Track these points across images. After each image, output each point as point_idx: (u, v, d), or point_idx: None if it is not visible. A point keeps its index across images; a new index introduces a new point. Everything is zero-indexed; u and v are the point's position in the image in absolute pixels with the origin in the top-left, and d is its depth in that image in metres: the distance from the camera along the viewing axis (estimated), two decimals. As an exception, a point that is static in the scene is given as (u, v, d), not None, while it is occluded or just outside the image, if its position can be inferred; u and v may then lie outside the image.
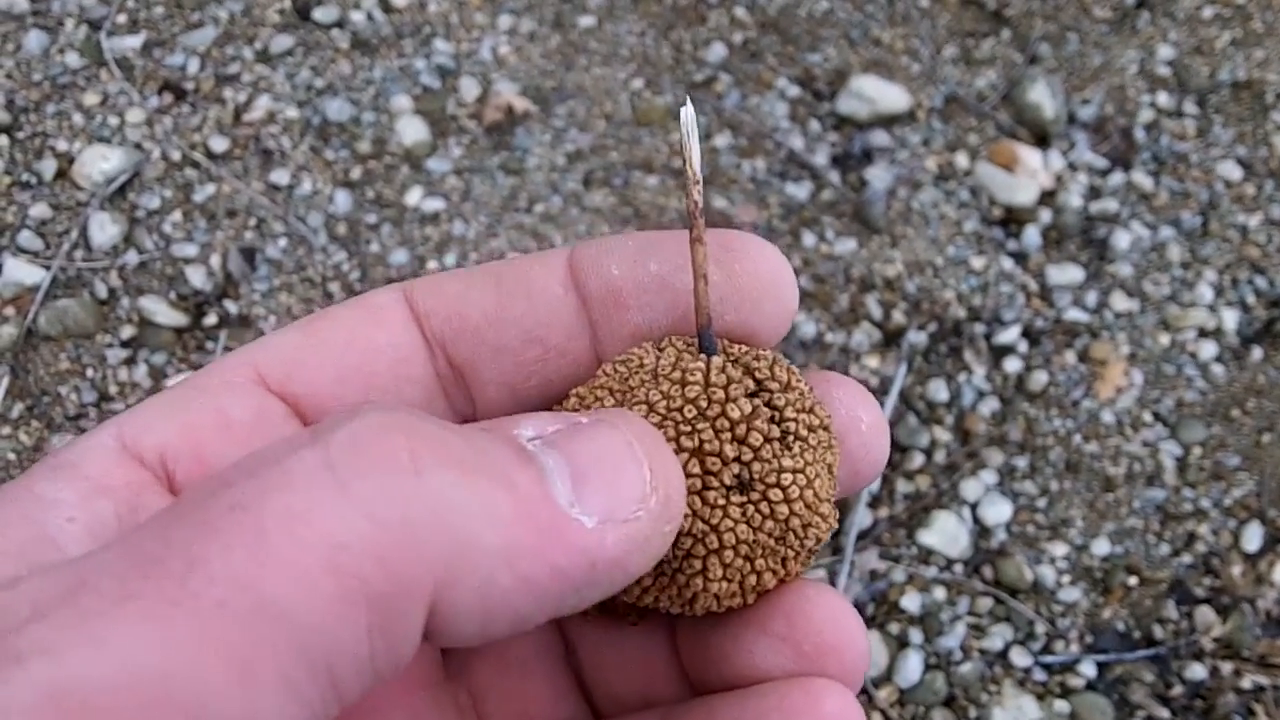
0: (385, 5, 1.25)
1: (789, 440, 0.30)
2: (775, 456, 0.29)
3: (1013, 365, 1.08)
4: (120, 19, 1.21)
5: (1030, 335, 1.10)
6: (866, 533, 0.99)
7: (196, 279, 1.07)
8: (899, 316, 1.10)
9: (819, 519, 0.30)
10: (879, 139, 1.20)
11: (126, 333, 1.04)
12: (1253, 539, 0.99)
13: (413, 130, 1.17)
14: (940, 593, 0.97)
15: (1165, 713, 0.91)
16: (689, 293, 0.31)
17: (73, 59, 1.17)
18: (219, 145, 1.14)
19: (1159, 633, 0.95)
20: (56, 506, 0.27)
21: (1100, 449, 1.04)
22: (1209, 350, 1.09)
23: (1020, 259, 1.15)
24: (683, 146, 0.30)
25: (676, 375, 0.30)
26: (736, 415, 0.29)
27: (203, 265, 1.08)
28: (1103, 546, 0.99)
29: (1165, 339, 1.10)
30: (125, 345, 1.04)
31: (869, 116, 1.21)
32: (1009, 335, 1.09)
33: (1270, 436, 1.05)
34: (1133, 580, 0.98)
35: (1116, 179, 1.19)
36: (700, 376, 0.30)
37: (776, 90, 1.23)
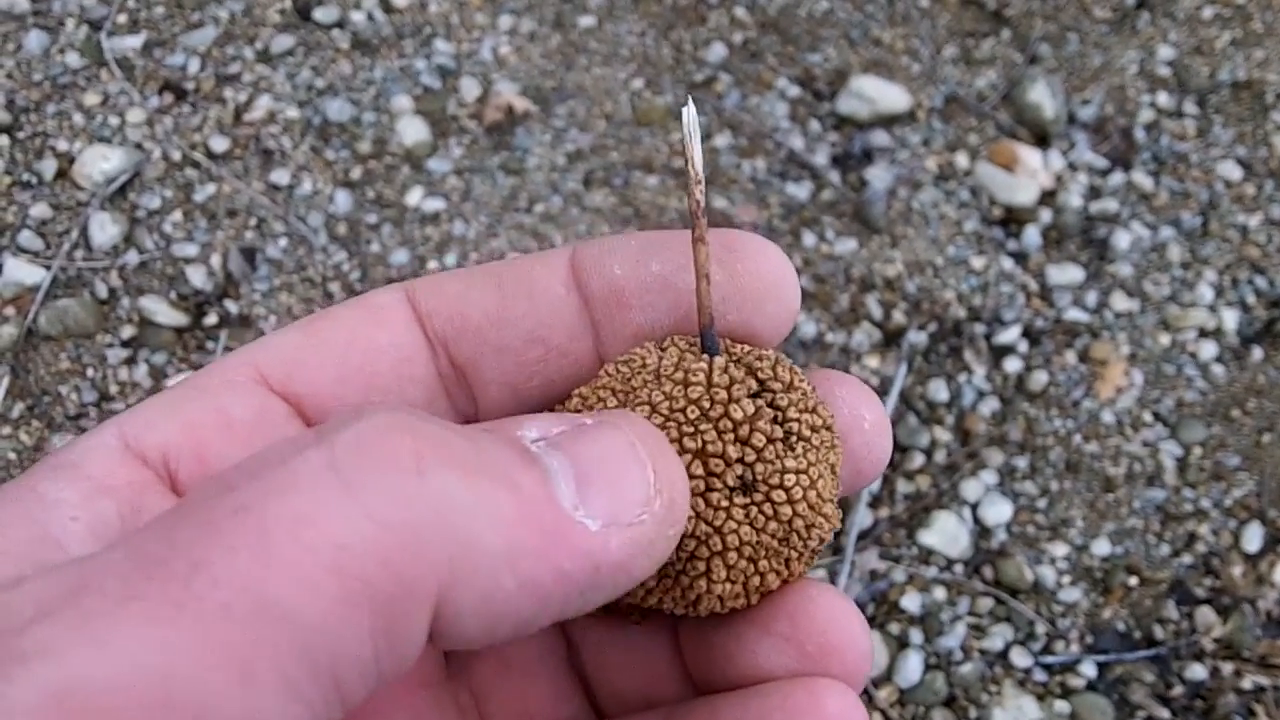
0: (386, 5, 1.25)
1: (792, 441, 0.30)
2: (778, 457, 0.29)
3: (1013, 365, 1.08)
4: (121, 19, 1.21)
5: (1030, 335, 1.10)
6: (867, 533, 0.99)
7: (197, 279, 1.07)
8: (899, 316, 1.10)
9: (822, 519, 0.30)
10: (879, 139, 1.20)
11: (127, 332, 1.04)
12: (1253, 539, 0.99)
13: (413, 130, 1.17)
14: (940, 593, 0.97)
15: (1165, 713, 0.91)
16: (691, 292, 0.31)
17: (73, 59, 1.17)
18: (219, 145, 1.14)
19: (1159, 633, 0.95)
20: (59, 506, 0.27)
21: (1100, 449, 1.04)
22: (1209, 350, 1.09)
23: (1020, 259, 1.15)
24: (685, 146, 0.30)
25: (679, 376, 0.30)
26: (739, 416, 0.29)
27: (203, 265, 1.08)
28: (1103, 547, 0.99)
29: (1165, 339, 1.10)
30: (125, 345, 1.04)
31: (869, 116, 1.21)
32: (1009, 335, 1.09)
33: (1270, 436, 1.05)
34: (1133, 580, 0.98)
35: (1117, 179, 1.19)
36: (703, 377, 0.30)
37: (777, 90, 1.23)
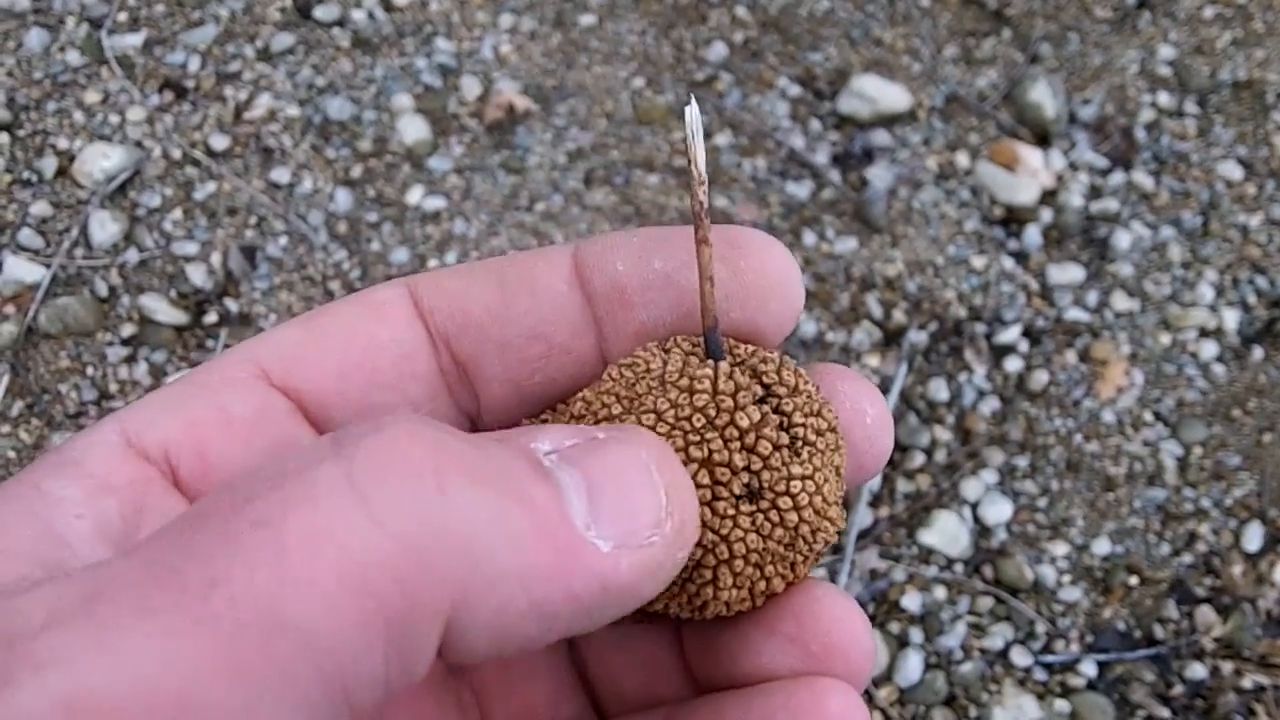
0: (386, 4, 1.25)
1: (797, 446, 0.30)
2: (784, 464, 0.29)
3: (1013, 365, 1.08)
4: (121, 17, 1.21)
5: (1031, 335, 1.10)
6: (867, 532, 0.99)
7: (197, 277, 1.07)
8: (900, 316, 1.10)
9: (827, 523, 0.30)
10: (880, 138, 1.20)
11: (127, 331, 1.04)
12: (1253, 539, 0.99)
13: (414, 129, 1.17)
14: (941, 592, 0.96)
15: (1166, 712, 0.91)
16: (694, 290, 0.31)
17: (73, 57, 1.17)
18: (220, 143, 1.14)
19: (1159, 632, 0.95)
20: (63, 504, 0.26)
21: (1101, 449, 1.04)
22: (1210, 350, 1.09)
23: (1021, 258, 1.14)
24: (688, 147, 0.30)
25: (684, 383, 0.30)
26: (745, 424, 0.29)
27: (203, 263, 1.08)
28: (1103, 546, 0.99)
29: (1166, 339, 1.10)
30: (125, 343, 1.03)
31: (870, 116, 1.21)
32: (1010, 335, 1.09)
33: (1271, 436, 1.05)
34: (1133, 580, 0.98)
35: (1117, 179, 1.19)
36: (708, 384, 0.29)
37: (777, 89, 1.23)
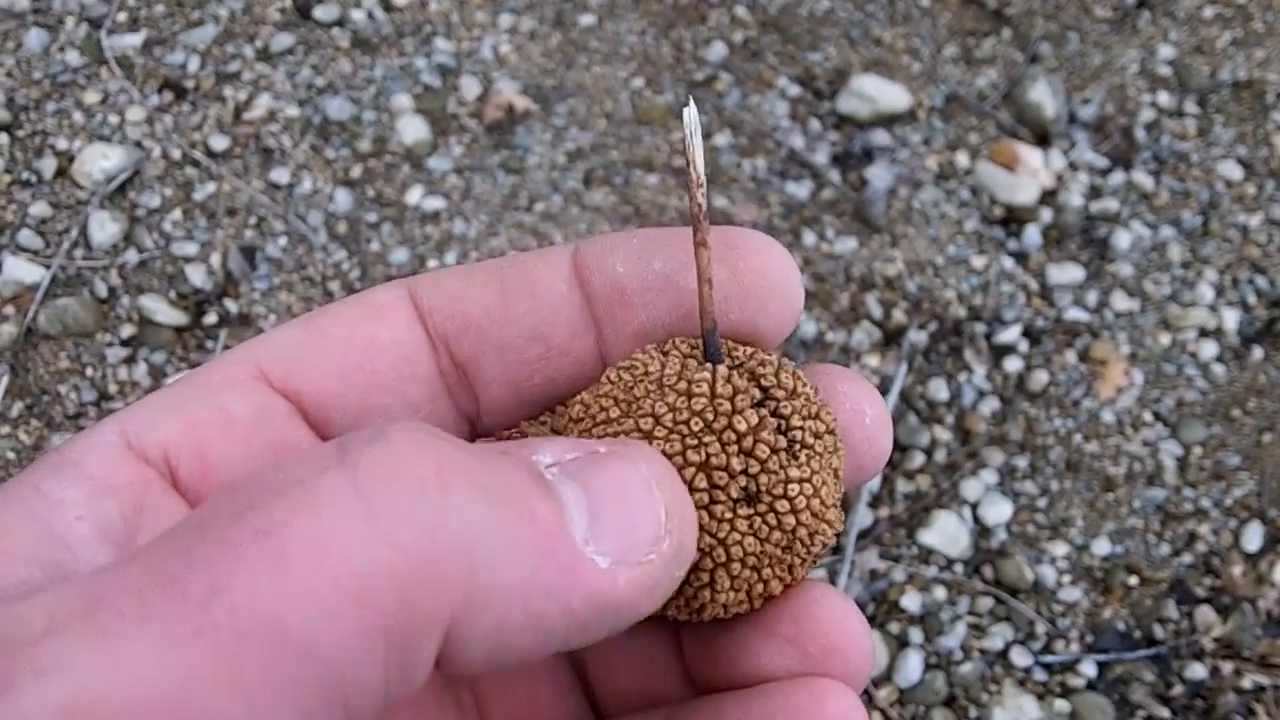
0: (386, 4, 1.25)
1: (795, 449, 0.30)
2: (782, 468, 0.29)
3: (1013, 365, 1.08)
4: (121, 17, 1.21)
5: (1031, 335, 1.10)
6: (867, 532, 0.99)
7: (196, 278, 1.07)
8: (899, 316, 1.10)
9: (825, 525, 0.30)
10: (879, 138, 1.20)
11: (126, 331, 1.04)
12: (1253, 539, 0.99)
13: (413, 129, 1.17)
14: (940, 592, 0.96)
15: (1165, 712, 0.91)
16: (694, 291, 0.31)
17: (73, 57, 1.17)
18: (219, 144, 1.14)
19: (1159, 632, 0.95)
20: (63, 506, 0.26)
21: (1100, 449, 1.04)
22: (1209, 350, 1.09)
23: (1021, 258, 1.14)
24: (686, 148, 0.30)
25: (682, 386, 0.30)
26: (743, 427, 0.29)
27: (203, 264, 1.08)
28: (1103, 546, 0.99)
29: (1166, 339, 1.10)
30: (125, 344, 1.03)
31: (869, 116, 1.21)
32: (1009, 335, 1.09)
33: (1271, 436, 1.05)
34: (1133, 580, 0.98)
35: (1117, 178, 1.19)
36: (706, 388, 0.29)
37: (777, 89, 1.23)
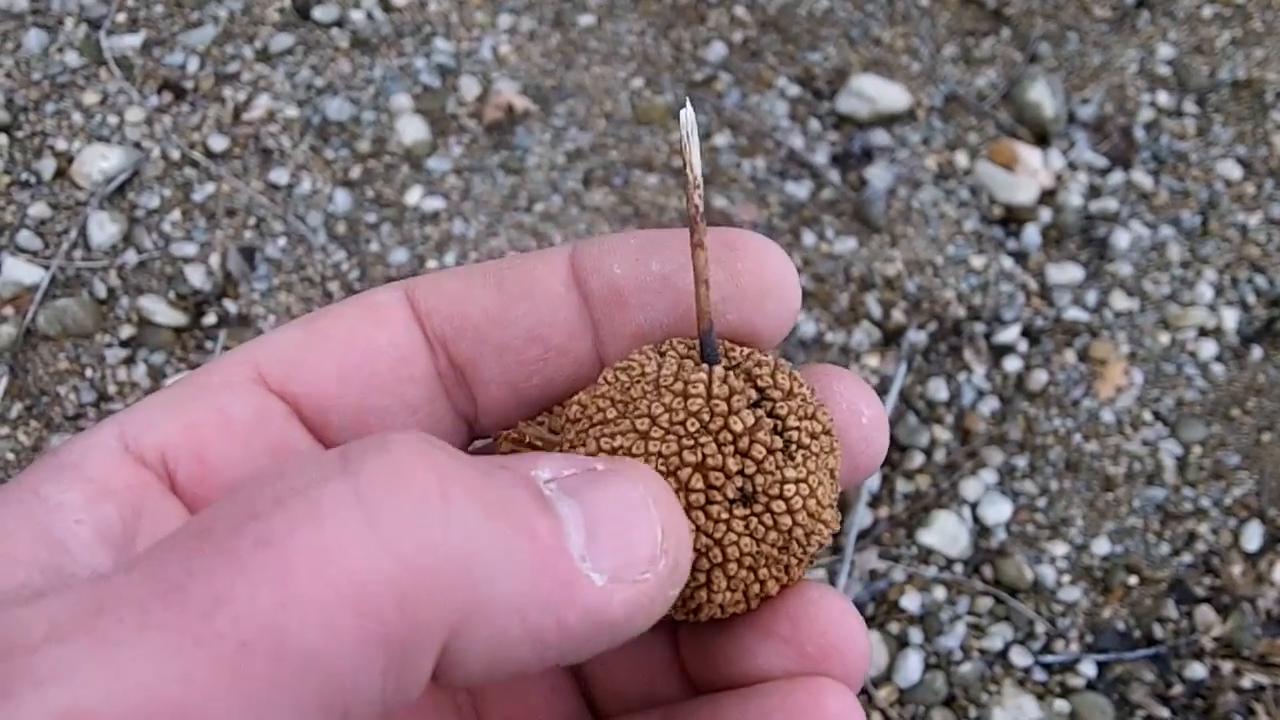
0: (385, 4, 1.25)
1: (791, 450, 0.30)
2: (778, 468, 0.29)
3: (1013, 364, 1.08)
4: (120, 18, 1.21)
5: (1030, 334, 1.10)
6: (866, 532, 0.99)
7: (196, 278, 1.07)
8: (899, 316, 1.10)
9: (821, 525, 0.30)
10: (879, 138, 1.20)
11: (125, 332, 1.04)
12: (1253, 538, 0.99)
13: (413, 129, 1.17)
14: (940, 592, 0.97)
15: (1165, 712, 0.91)
16: (691, 293, 0.31)
17: (72, 58, 1.17)
18: (218, 144, 1.14)
19: (1159, 632, 0.95)
20: (62, 509, 0.26)
21: (1100, 448, 1.04)
22: (1209, 349, 1.09)
23: (1020, 258, 1.14)
24: (683, 149, 0.30)
25: (678, 387, 0.30)
26: (739, 428, 0.29)
27: (202, 264, 1.08)
28: (1103, 546, 0.99)
29: (1165, 338, 1.10)
30: (124, 345, 1.03)
31: (869, 115, 1.21)
32: (1009, 334, 1.09)
33: (1270, 435, 1.05)
34: (1133, 579, 0.98)
35: (1116, 178, 1.19)
36: (702, 389, 0.30)
37: (776, 89, 1.23)
